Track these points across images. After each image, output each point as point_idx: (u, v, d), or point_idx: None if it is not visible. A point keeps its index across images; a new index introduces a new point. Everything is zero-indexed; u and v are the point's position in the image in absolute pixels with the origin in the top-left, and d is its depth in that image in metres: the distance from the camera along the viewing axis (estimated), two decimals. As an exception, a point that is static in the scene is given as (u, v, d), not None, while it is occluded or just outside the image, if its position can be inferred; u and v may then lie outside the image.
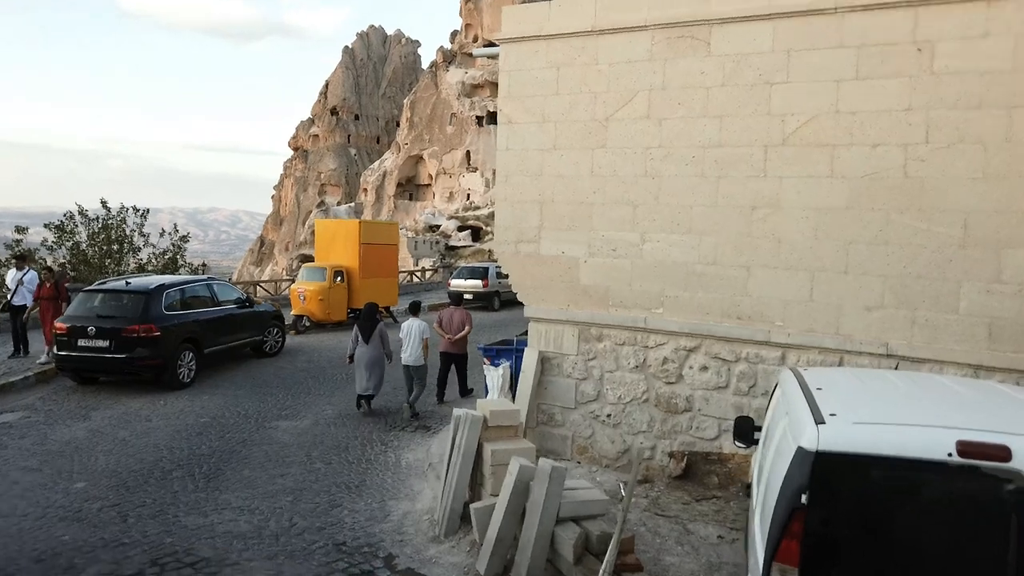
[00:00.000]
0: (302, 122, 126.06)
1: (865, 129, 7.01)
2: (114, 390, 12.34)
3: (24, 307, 14.15)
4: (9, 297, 14.42)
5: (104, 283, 13.31)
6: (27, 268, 14.73)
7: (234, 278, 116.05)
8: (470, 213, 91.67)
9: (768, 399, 5.86)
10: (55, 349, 12.24)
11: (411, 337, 11.21)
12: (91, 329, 11.99)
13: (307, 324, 19.14)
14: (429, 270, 32.78)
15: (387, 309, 21.10)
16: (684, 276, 7.96)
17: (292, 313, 19.05)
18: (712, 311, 7.83)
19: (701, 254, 7.85)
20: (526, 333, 12.33)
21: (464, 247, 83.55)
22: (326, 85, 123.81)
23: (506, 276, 11.54)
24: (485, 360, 10.93)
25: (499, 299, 24.78)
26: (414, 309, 11.85)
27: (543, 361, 8.90)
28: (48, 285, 13.87)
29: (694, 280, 7.91)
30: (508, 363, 10.69)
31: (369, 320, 11.14)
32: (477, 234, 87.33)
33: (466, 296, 24.90)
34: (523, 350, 10.64)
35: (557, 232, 8.69)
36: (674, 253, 7.99)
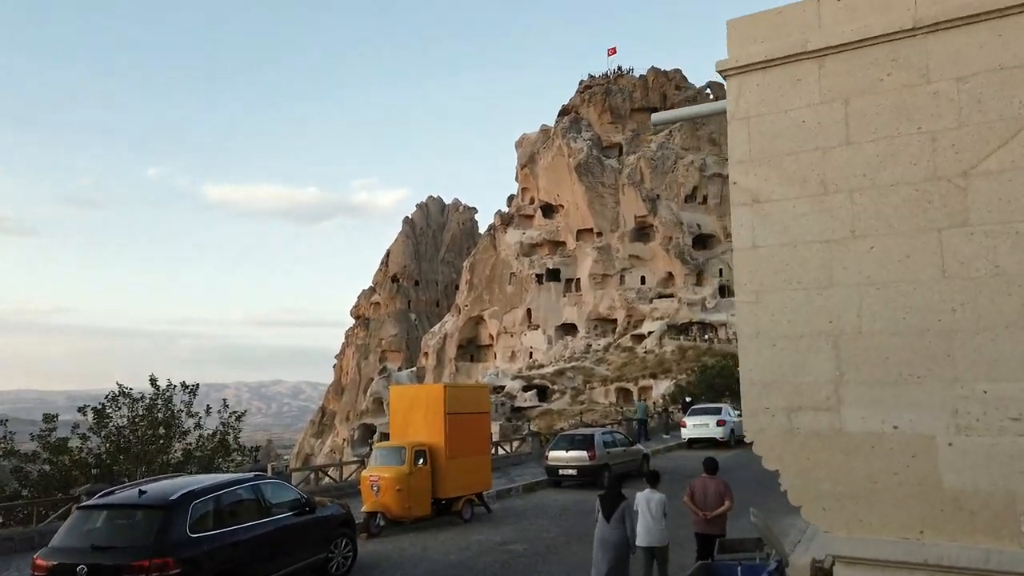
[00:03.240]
0: (364, 291, 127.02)
1: None
2: (109, 661, 8.18)
3: None
4: None
5: (109, 492, 9.53)
6: None
7: (295, 451, 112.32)
8: (535, 372, 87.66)
9: None
10: (30, 601, 8.30)
11: (649, 511, 9.29)
12: (81, 568, 8.07)
13: (381, 523, 14.88)
14: (516, 439, 28.38)
15: (479, 496, 16.74)
16: None
17: (363, 510, 14.87)
18: None
19: None
20: (735, 550, 8.02)
21: (530, 407, 78.90)
22: (387, 254, 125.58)
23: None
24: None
25: (609, 475, 20.14)
26: (652, 479, 9.80)
27: (885, 650, 4.53)
28: None
29: None
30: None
31: (613, 494, 9.36)
32: (544, 393, 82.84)
33: (566, 472, 20.42)
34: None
35: (876, 388, 4.64)
36: None
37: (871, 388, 4.66)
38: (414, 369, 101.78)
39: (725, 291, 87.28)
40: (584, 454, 20.08)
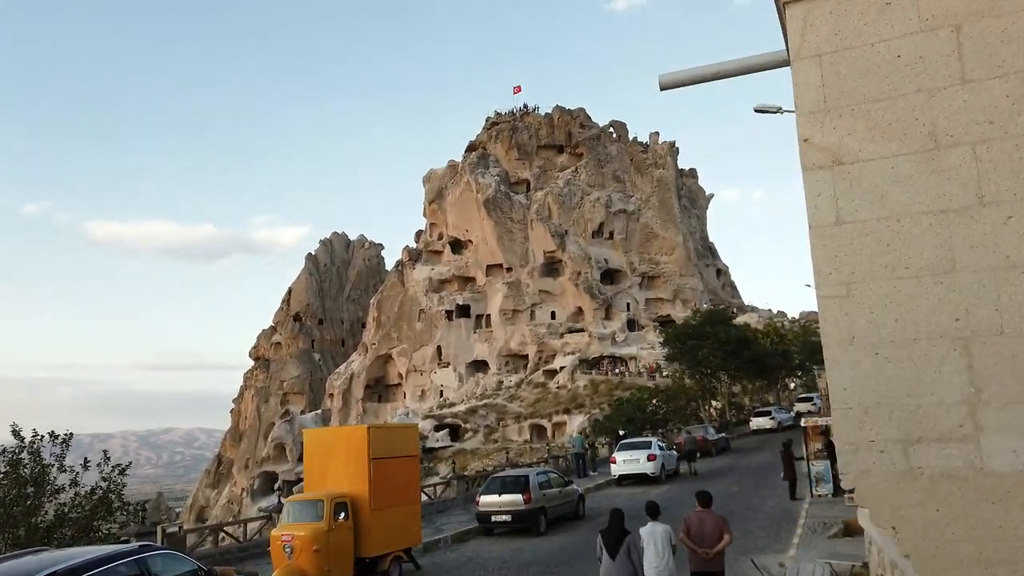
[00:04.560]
0: (264, 331, 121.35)
1: None
2: None
3: None
4: None
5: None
6: None
7: (188, 503, 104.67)
8: (446, 411, 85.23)
9: None
10: None
11: (656, 546, 8.76)
12: None
13: (296, 590, 12.75)
14: (440, 483, 26.35)
15: (407, 552, 14.82)
16: None
17: (274, 575, 12.73)
18: None
19: None
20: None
21: (442, 448, 76.40)
22: (289, 292, 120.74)
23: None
24: None
25: (546, 519, 18.59)
26: (652, 511, 9.19)
27: None
28: None
29: None
30: None
31: (617, 529, 8.95)
32: (456, 433, 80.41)
33: (500, 518, 18.71)
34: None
35: (1029, 409, 3.37)
36: None
37: (1022, 408, 3.39)
38: (319, 412, 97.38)
39: (634, 325, 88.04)
40: (518, 497, 18.43)
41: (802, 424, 21.83)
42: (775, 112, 15.51)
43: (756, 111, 15.71)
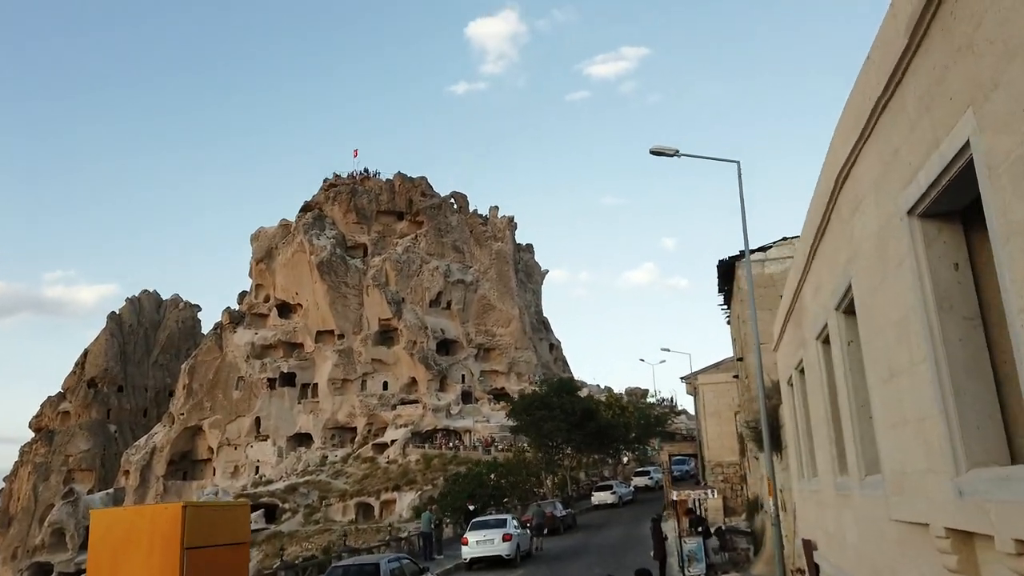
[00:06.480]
0: (50, 398, 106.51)
1: None
2: None
3: None
4: None
5: None
6: None
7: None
8: (262, 489, 77.90)
9: None
10: None
11: None
12: None
13: None
14: (266, 574, 22.16)
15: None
16: None
17: None
18: None
19: None
20: None
21: (257, 531, 69.22)
22: (85, 354, 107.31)
23: None
24: None
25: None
26: None
27: None
28: None
29: None
30: None
31: None
32: (272, 514, 73.34)
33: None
34: None
35: None
36: None
37: None
38: (111, 491, 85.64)
39: (469, 397, 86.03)
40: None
41: (673, 499, 20.58)
42: (672, 155, 14.49)
43: (652, 153, 14.62)
